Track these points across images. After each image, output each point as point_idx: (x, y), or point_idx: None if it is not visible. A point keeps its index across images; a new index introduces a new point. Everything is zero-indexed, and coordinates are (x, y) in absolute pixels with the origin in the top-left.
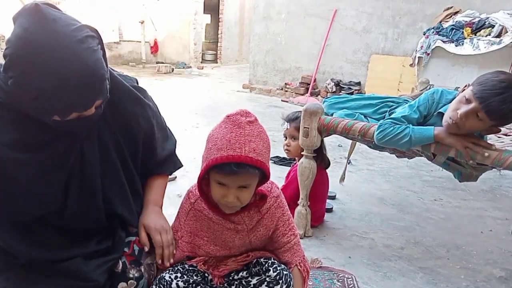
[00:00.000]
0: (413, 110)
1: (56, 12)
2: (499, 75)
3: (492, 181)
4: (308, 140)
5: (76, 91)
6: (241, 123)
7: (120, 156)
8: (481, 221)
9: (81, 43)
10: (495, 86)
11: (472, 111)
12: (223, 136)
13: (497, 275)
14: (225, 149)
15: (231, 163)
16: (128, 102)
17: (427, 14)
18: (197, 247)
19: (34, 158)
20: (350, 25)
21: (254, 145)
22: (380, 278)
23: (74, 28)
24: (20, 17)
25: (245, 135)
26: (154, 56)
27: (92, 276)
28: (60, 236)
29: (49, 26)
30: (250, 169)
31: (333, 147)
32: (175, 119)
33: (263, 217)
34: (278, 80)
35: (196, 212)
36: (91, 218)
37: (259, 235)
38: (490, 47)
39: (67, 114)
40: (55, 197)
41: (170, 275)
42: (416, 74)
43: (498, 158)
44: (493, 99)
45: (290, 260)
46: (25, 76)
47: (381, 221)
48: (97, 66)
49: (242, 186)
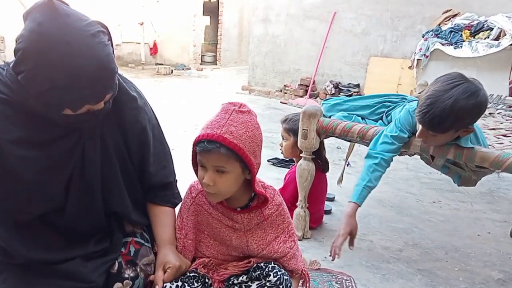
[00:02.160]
0: (400, 130)
1: (68, 7)
2: (427, 90)
3: (490, 183)
4: (307, 142)
5: (89, 83)
6: (229, 109)
7: (119, 156)
8: (479, 223)
9: (94, 37)
10: (422, 107)
11: (423, 133)
12: (210, 118)
13: (495, 277)
14: (205, 128)
15: (204, 140)
16: (128, 104)
17: (426, 16)
18: (198, 241)
19: (38, 156)
20: (349, 28)
21: (233, 129)
22: (378, 280)
23: (87, 23)
24: (33, 12)
25: (227, 119)
26: (153, 57)
27: (91, 277)
28: (59, 236)
29: (63, 20)
30: (222, 149)
31: (332, 149)
32: (174, 121)
33: (263, 222)
34: (277, 82)
35: (197, 206)
36: (90, 217)
37: (257, 237)
38: (489, 50)
39: (79, 106)
40: (56, 195)
41: (171, 285)
42: (415, 77)
43: (496, 160)
44: (426, 119)
45: (296, 267)
46: (39, 68)
47: (380, 223)
48: (109, 60)
49: (218, 169)
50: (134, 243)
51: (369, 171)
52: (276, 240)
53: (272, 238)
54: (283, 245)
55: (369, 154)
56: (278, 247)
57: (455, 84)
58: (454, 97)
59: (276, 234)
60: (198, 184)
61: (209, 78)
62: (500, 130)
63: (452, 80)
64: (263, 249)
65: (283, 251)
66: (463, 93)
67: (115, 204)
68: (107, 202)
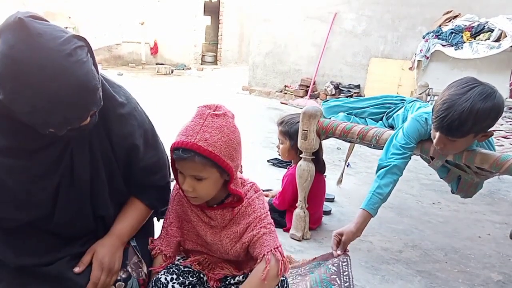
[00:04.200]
0: (409, 140)
1: (41, 24)
2: (443, 95)
3: (490, 185)
4: (307, 143)
5: (69, 106)
6: (204, 114)
7: (106, 161)
8: (479, 225)
9: (69, 56)
10: (439, 112)
11: (441, 139)
12: (185, 123)
13: (495, 279)
14: (180, 135)
15: (179, 148)
16: (115, 110)
17: (427, 17)
18: (185, 232)
19: (27, 165)
20: (349, 28)
21: (208, 136)
22: (378, 282)
23: (61, 41)
24: (4, 32)
25: (202, 125)
26: (154, 57)
27: (77, 279)
28: (47, 240)
29: (35, 42)
30: (197, 157)
31: (332, 149)
32: (174, 121)
33: (234, 216)
34: (278, 83)
35: (180, 197)
36: (78, 222)
37: (230, 232)
38: (489, 51)
39: (63, 129)
40: (45, 203)
41: (166, 276)
42: (415, 78)
43: (495, 163)
44: (445, 123)
45: (258, 252)
46: (16, 94)
47: (380, 224)
48: (88, 78)
49: (196, 177)
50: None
51: (379, 177)
52: (246, 231)
53: (243, 230)
54: (251, 233)
55: (380, 165)
56: (245, 237)
57: (471, 87)
58: (471, 99)
59: (247, 225)
60: None
61: (209, 78)
62: (500, 132)
63: (467, 83)
64: (235, 243)
65: (250, 239)
66: (480, 95)
67: (102, 208)
68: (95, 207)
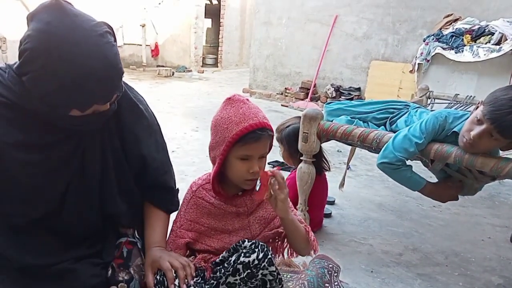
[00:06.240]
0: (424, 137)
1: (74, 8)
2: (509, 92)
3: (491, 188)
4: (307, 145)
5: (97, 83)
6: (243, 99)
7: (116, 160)
8: (479, 228)
9: (102, 37)
10: (505, 106)
11: (484, 132)
12: (235, 113)
13: (495, 283)
14: (245, 121)
15: (255, 130)
16: (128, 109)
17: (427, 21)
18: (198, 233)
19: (39, 159)
20: (350, 31)
21: (262, 114)
22: (378, 285)
23: (94, 23)
24: (39, 13)
25: (252, 107)
26: (154, 59)
27: (83, 280)
28: (53, 240)
29: (71, 20)
30: (269, 132)
31: (332, 152)
32: (175, 123)
33: (263, 200)
34: (278, 85)
35: (197, 199)
36: (86, 220)
37: (258, 217)
38: (490, 55)
39: (87, 106)
40: (54, 199)
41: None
42: (416, 81)
43: (496, 167)
44: (504, 119)
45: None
46: (47, 67)
47: (380, 227)
48: (117, 60)
49: (263, 155)
50: (127, 243)
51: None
52: (276, 218)
53: (274, 215)
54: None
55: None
56: (278, 222)
57: None
58: None
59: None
60: (199, 180)
61: (210, 81)
62: None
63: None
64: (264, 227)
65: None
66: None
67: (110, 207)
68: (103, 204)
